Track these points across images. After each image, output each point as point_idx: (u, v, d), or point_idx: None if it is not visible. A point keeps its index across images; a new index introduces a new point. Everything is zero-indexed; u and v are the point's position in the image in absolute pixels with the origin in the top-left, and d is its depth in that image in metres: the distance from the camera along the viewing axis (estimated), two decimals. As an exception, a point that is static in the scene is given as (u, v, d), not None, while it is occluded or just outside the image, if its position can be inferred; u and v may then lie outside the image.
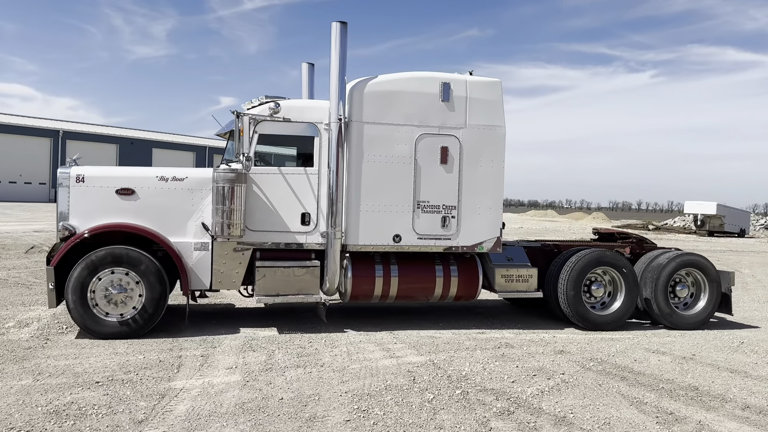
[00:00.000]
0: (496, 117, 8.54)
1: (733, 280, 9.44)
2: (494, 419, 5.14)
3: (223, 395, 5.47)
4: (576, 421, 5.18)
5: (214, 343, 7.29)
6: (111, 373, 5.98)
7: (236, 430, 4.69)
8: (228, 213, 7.60)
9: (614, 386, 6.17)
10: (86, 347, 6.92)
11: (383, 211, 8.22)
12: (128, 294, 7.38)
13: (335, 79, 7.85)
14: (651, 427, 5.09)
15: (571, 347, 7.75)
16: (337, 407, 5.27)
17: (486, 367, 6.69)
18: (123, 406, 5.11)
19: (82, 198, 7.65)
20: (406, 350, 7.33)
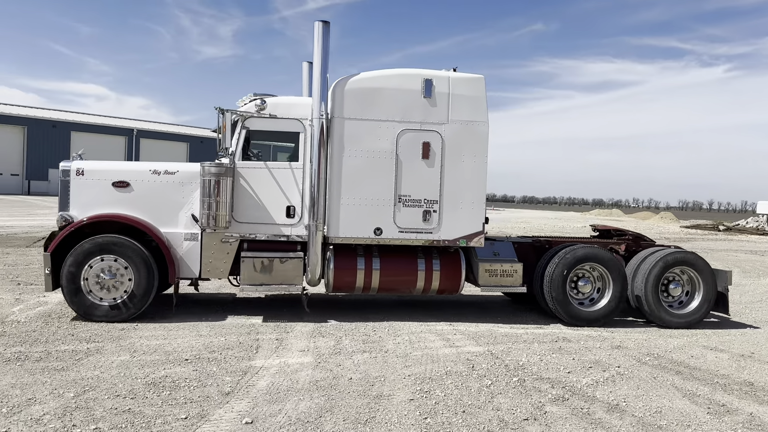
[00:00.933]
0: (479, 113, 8.64)
1: (730, 280, 9.24)
2: (549, 404, 5.46)
3: (298, 374, 6.00)
4: (628, 408, 5.44)
5: (287, 329, 7.87)
6: (198, 352, 6.62)
7: (312, 403, 5.20)
8: (214, 205, 8.01)
9: (669, 379, 6.37)
10: (173, 330, 7.62)
11: (364, 205, 8.44)
12: (118, 280, 7.87)
13: (317, 77, 8.17)
14: (702, 417, 5.31)
15: (628, 343, 7.94)
16: (401, 388, 5.72)
17: (543, 358, 7.00)
18: (211, 380, 5.71)
19: (81, 190, 8.23)
20: (465, 341, 7.71)
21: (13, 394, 5.13)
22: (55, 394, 5.17)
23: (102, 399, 5.09)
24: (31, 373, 5.68)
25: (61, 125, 54.61)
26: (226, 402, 5.17)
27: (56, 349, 6.55)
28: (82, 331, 7.30)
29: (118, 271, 7.91)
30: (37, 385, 5.37)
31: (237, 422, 4.74)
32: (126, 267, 7.92)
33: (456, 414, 5.12)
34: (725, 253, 22.89)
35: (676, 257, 9.10)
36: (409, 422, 4.89)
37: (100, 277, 7.86)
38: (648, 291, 8.92)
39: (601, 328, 8.75)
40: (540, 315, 9.55)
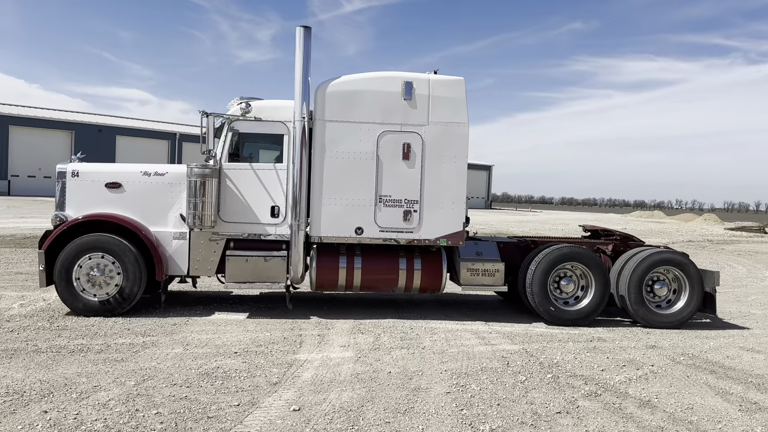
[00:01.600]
0: (459, 114, 8.75)
1: (717, 280, 9.17)
2: (581, 399, 5.66)
3: (340, 367, 6.32)
4: (660, 405, 5.60)
5: (328, 326, 8.21)
6: (245, 346, 7.00)
7: (354, 394, 5.51)
8: (200, 205, 8.27)
9: (702, 378, 6.49)
10: (221, 325, 8.03)
11: (345, 205, 8.63)
12: (108, 276, 8.21)
13: (299, 81, 8.40)
14: (733, 414, 5.43)
15: (663, 343, 8.04)
16: (438, 382, 5.98)
17: (577, 357, 7.17)
18: (259, 371, 6.07)
19: (76, 191, 8.60)
20: (501, 339, 7.92)
21: (80, 381, 5.57)
22: (118, 382, 5.59)
23: (160, 387, 5.49)
24: (94, 364, 6.13)
25: (106, 130, 56.37)
26: (275, 391, 5.51)
27: (115, 342, 7.01)
28: (137, 326, 7.76)
29: (107, 268, 8.24)
30: (100, 374, 5.81)
31: (285, 409, 5.07)
32: (115, 264, 8.25)
33: (491, 406, 5.36)
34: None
35: (660, 257, 9.06)
36: (446, 413, 5.15)
37: (91, 273, 8.21)
38: (631, 290, 8.91)
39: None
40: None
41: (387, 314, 9.14)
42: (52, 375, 5.71)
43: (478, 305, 10.36)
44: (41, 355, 6.37)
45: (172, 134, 60.23)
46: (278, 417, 4.91)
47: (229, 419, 4.82)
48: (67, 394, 5.21)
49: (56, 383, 5.48)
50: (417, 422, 4.92)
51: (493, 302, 10.72)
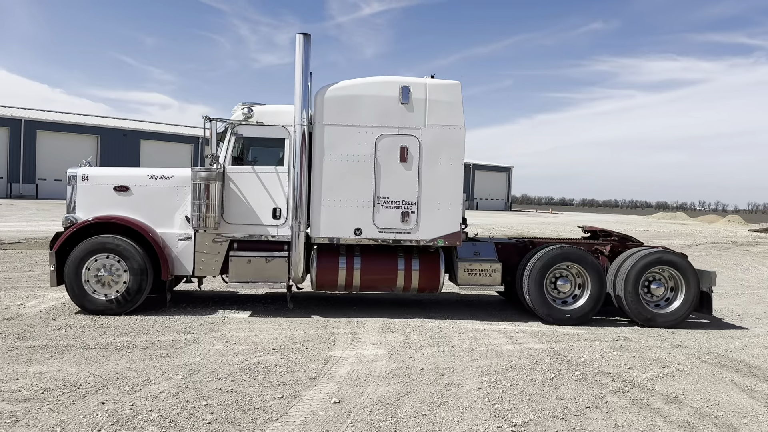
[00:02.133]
0: (456, 117, 8.93)
1: (714, 280, 9.26)
2: (610, 395, 5.85)
3: (374, 363, 6.58)
4: (686, 401, 5.77)
5: (359, 325, 8.47)
6: (282, 343, 7.29)
7: (389, 388, 5.76)
8: (204, 207, 8.52)
9: (727, 376, 6.64)
10: (257, 324, 8.33)
11: (345, 206, 8.85)
12: (115, 276, 8.52)
13: (299, 86, 8.64)
14: (758, 410, 5.59)
15: (689, 342, 8.18)
16: (469, 378, 6.21)
17: (604, 355, 7.35)
18: (298, 366, 6.35)
19: (86, 194, 8.94)
20: (528, 338, 8.12)
21: (131, 375, 5.88)
22: (166, 376, 5.90)
23: (207, 381, 5.79)
24: (141, 359, 6.45)
25: (131, 134, 57.34)
26: (314, 385, 5.78)
27: (158, 339, 7.34)
28: (177, 324, 8.09)
29: (113, 268, 8.55)
30: (148, 368, 6.13)
31: (326, 402, 5.34)
32: (122, 264, 8.56)
33: (522, 401, 5.57)
34: (795, 258, 22.29)
35: (656, 257, 9.18)
36: (479, 407, 5.38)
37: (99, 273, 8.53)
38: (627, 290, 9.04)
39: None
40: (600, 316, 9.84)
41: (414, 314, 9.39)
42: (103, 369, 6.04)
43: (504, 306, 10.55)
44: (90, 351, 6.71)
45: (195, 138, 60.97)
46: (320, 409, 5.17)
47: (275, 410, 5.10)
48: (120, 387, 5.53)
49: (108, 377, 5.81)
50: (452, 415, 5.16)
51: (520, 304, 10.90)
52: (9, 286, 10.63)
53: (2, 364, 6.08)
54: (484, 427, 4.94)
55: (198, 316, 8.67)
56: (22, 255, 14.96)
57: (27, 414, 4.84)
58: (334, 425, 4.84)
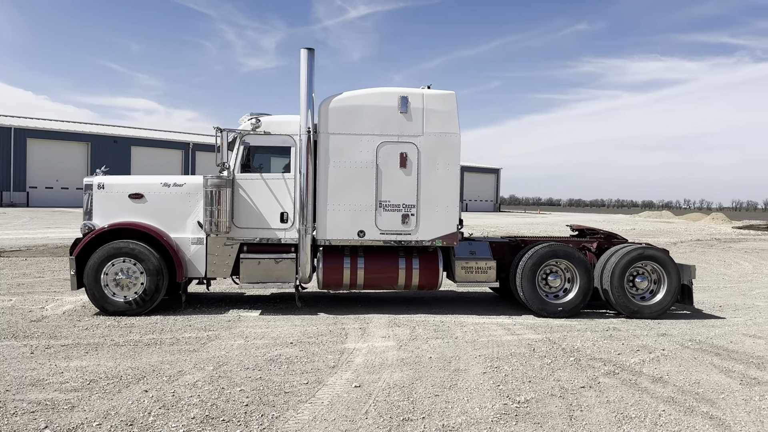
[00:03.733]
0: (451, 125, 9.53)
1: (693, 273, 9.93)
2: (602, 377, 6.47)
3: (386, 354, 7.16)
4: (670, 380, 6.40)
5: (367, 321, 9.04)
6: (299, 338, 7.85)
7: (403, 374, 6.34)
8: (216, 213, 9.04)
9: (708, 359, 7.28)
10: (271, 321, 8.88)
11: (349, 210, 9.41)
12: (132, 279, 9.01)
13: (304, 97, 9.22)
14: (734, 387, 6.22)
15: (673, 331, 8.82)
16: (474, 364, 6.80)
17: (595, 343, 7.98)
18: (317, 357, 6.92)
19: (102, 201, 9.40)
20: (524, 330, 8.73)
21: (165, 368, 6.42)
22: (198, 367, 6.44)
23: (236, 371, 6.34)
24: (171, 354, 6.99)
25: (121, 140, 57.56)
26: (335, 373, 6.35)
27: (182, 336, 7.87)
28: (196, 323, 8.63)
29: (131, 271, 9.04)
30: (180, 362, 6.67)
31: (348, 386, 5.91)
32: (137, 266, 9.04)
33: (523, 383, 6.18)
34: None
35: (639, 253, 9.81)
36: (485, 388, 5.98)
37: (118, 277, 9.01)
38: (614, 284, 9.67)
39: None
40: (590, 309, 10.48)
41: (418, 310, 9.98)
42: (139, 363, 6.57)
43: (499, 302, 11.17)
44: (121, 348, 7.23)
45: (185, 144, 61.35)
46: (344, 392, 5.75)
47: (303, 393, 5.67)
48: (159, 377, 6.07)
49: (145, 369, 6.34)
50: (462, 395, 5.75)
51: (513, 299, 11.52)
52: (25, 291, 11.09)
53: (44, 360, 6.60)
54: (492, 404, 5.53)
55: (213, 315, 9.20)
56: (27, 262, 15.37)
57: (81, 401, 5.36)
58: (358, 404, 5.42)
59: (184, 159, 60.38)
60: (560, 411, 5.41)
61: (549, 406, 5.52)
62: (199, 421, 4.98)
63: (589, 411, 5.43)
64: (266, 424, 4.94)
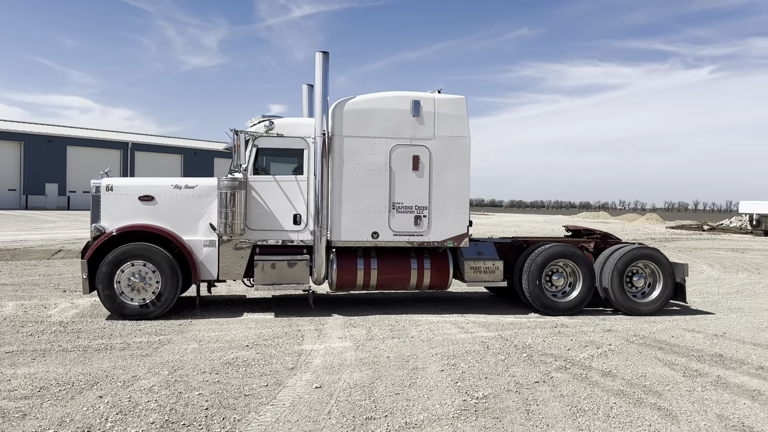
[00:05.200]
0: (462, 129, 9.81)
1: (686, 272, 10.44)
2: (554, 372, 6.68)
3: (343, 354, 7.18)
4: (619, 374, 6.67)
5: (321, 322, 9.04)
6: (254, 340, 7.78)
7: (363, 374, 6.38)
8: (230, 215, 9.06)
9: (652, 353, 7.61)
10: (224, 324, 8.76)
11: (363, 212, 9.56)
12: (147, 282, 8.90)
13: (319, 100, 9.32)
14: (678, 379, 6.54)
15: (618, 327, 9.17)
16: (431, 363, 6.91)
17: (545, 340, 8.22)
18: (274, 360, 6.88)
19: (111, 204, 9.22)
20: (477, 328, 8.91)
21: (118, 373, 6.26)
22: (153, 372, 6.31)
23: (192, 375, 6.24)
24: (123, 359, 6.82)
25: (56, 140, 55.46)
26: (294, 374, 6.34)
27: (133, 341, 7.68)
28: (146, 327, 8.43)
29: (146, 275, 8.91)
30: (133, 366, 6.51)
31: (308, 387, 5.91)
32: (154, 271, 8.93)
33: (480, 379, 6.32)
34: (708, 252, 24.30)
35: (638, 252, 10.25)
36: (444, 385, 6.09)
37: (131, 279, 8.87)
38: (614, 283, 10.07)
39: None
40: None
41: (372, 311, 10.03)
42: (90, 369, 6.38)
43: (453, 301, 11.35)
44: (70, 353, 7.01)
45: (123, 143, 59.60)
46: (305, 393, 5.74)
47: (264, 396, 5.63)
48: (113, 383, 5.92)
49: (97, 375, 6.16)
50: (421, 393, 5.84)
51: (466, 298, 11.74)
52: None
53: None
54: (451, 400, 5.64)
55: (164, 319, 9.00)
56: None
57: (32, 409, 5.18)
58: (320, 405, 5.43)
59: (122, 159, 58.65)
60: (517, 406, 5.56)
61: (506, 401, 5.67)
62: (159, 425, 4.89)
63: (544, 405, 5.61)
64: (228, 427, 4.90)
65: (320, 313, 9.76)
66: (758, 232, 42.61)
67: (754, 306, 11.23)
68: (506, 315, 9.98)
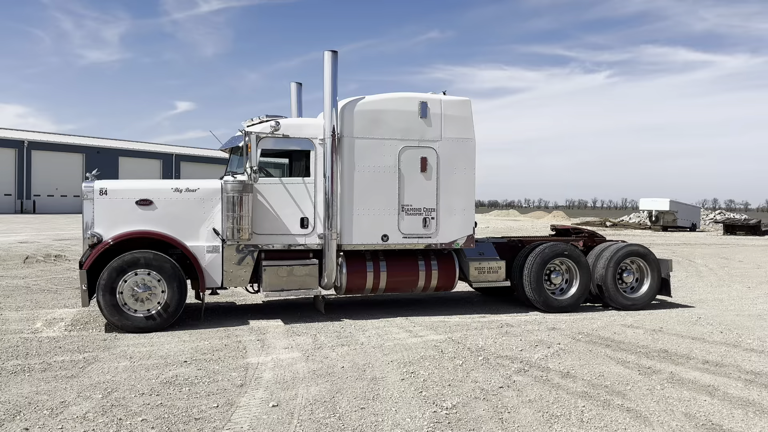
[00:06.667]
0: (467, 131, 9.87)
1: (671, 267, 10.88)
2: (515, 375, 6.52)
3: (295, 366, 6.71)
4: (577, 375, 6.59)
5: (262, 331, 8.49)
6: (191, 355, 7.15)
7: (320, 388, 5.95)
8: (238, 219, 8.68)
9: (602, 351, 7.63)
10: (154, 338, 8.04)
11: (373, 214, 9.43)
12: (152, 292, 8.37)
13: (328, 100, 9.03)
14: (635, 377, 6.54)
15: (560, 325, 9.20)
16: (389, 371, 6.57)
17: (496, 341, 8.08)
18: (219, 376, 6.31)
19: (105, 209, 8.60)
20: (425, 331, 8.67)
21: (43, 399, 5.51)
22: (83, 396, 5.60)
23: (130, 397, 5.59)
24: (46, 382, 6.04)
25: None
26: (245, 392, 5.81)
27: (54, 360, 6.86)
28: (67, 344, 7.59)
29: (151, 284, 8.36)
30: (59, 390, 5.77)
31: (265, 406, 5.41)
32: (159, 280, 8.39)
33: (444, 387, 6.05)
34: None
35: (630, 249, 10.62)
36: (409, 396, 5.77)
37: (135, 290, 8.28)
38: (608, 280, 10.37)
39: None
40: (476, 306, 10.71)
41: (313, 317, 9.57)
42: (8, 396, 5.59)
43: (391, 303, 11.05)
44: (-21, 378, 6.14)
45: (18, 142, 55.32)
46: (262, 413, 5.25)
47: (217, 419, 5.09)
48: (38, 412, 5.19)
49: (18, 403, 5.40)
50: (388, 405, 5.49)
51: (406, 300, 11.47)
52: None
53: None
54: (421, 413, 5.33)
55: (85, 332, 8.17)
56: None
57: (-58, 450, 4.41)
58: (281, 426, 4.97)
59: (17, 158, 54.44)
60: (489, 414, 5.33)
61: (477, 410, 5.43)
62: (102, 461, 4.27)
63: (515, 412, 5.41)
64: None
65: (256, 320, 9.19)
66: (657, 227, 45.26)
67: (677, 299, 11.64)
68: (451, 316, 9.81)
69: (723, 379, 6.48)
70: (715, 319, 9.82)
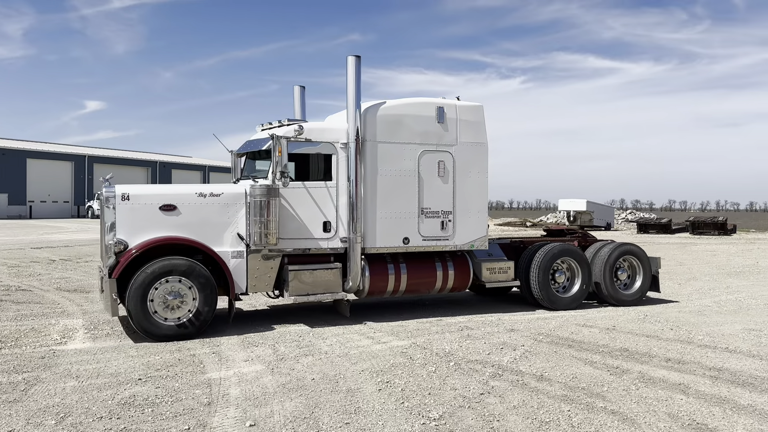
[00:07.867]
0: (481, 135, 10.16)
1: (659, 264, 11.55)
2: (491, 380, 6.39)
3: (261, 380, 6.31)
4: (552, 377, 6.54)
5: (215, 343, 7.98)
6: (144, 372, 6.59)
7: (295, 403, 5.59)
8: (265, 224, 8.58)
9: (566, 352, 7.65)
10: (97, 354, 7.39)
11: (394, 218, 9.53)
12: (183, 300, 8.14)
13: (352, 105, 9.10)
14: (608, 378, 6.56)
15: (518, 326, 9.20)
16: (363, 381, 6.29)
17: (461, 345, 7.95)
18: (182, 394, 5.82)
19: (128, 214, 8.32)
20: (387, 336, 8.43)
21: (-17, 430, 4.88)
22: (34, 423, 5.01)
23: (88, 422, 5.04)
24: (-18, 409, 5.37)
25: None
26: (215, 411, 5.37)
27: (-13, 383, 6.14)
28: (0, 363, 6.84)
29: (182, 291, 8.14)
30: (3, 418, 5.13)
31: (240, 426, 5.01)
32: (190, 287, 8.16)
33: (425, 396, 5.83)
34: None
35: (626, 248, 11.17)
36: (392, 408, 5.51)
37: (167, 298, 8.04)
38: (606, 277, 10.85)
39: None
40: (428, 309, 10.59)
41: (266, 323, 9.13)
42: (-60, 428, 4.91)
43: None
44: None
45: None
46: (241, 434, 4.85)
47: (193, 443, 4.65)
48: (-18, 446, 4.57)
49: (-45, 436, 4.75)
50: (373, 419, 5.21)
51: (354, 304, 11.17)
52: None
53: None
54: (409, 425, 5.08)
55: (18, 349, 7.41)
56: None
57: None
58: (267, 448, 4.59)
59: None
60: (479, 424, 5.16)
61: (465, 420, 5.24)
62: (71, 501, 3.77)
63: (504, 420, 5.26)
64: (164, 491, 3.91)
65: (208, 332, 8.65)
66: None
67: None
68: (407, 320, 9.60)
69: (690, 377, 6.61)
70: (661, 316, 10.12)
